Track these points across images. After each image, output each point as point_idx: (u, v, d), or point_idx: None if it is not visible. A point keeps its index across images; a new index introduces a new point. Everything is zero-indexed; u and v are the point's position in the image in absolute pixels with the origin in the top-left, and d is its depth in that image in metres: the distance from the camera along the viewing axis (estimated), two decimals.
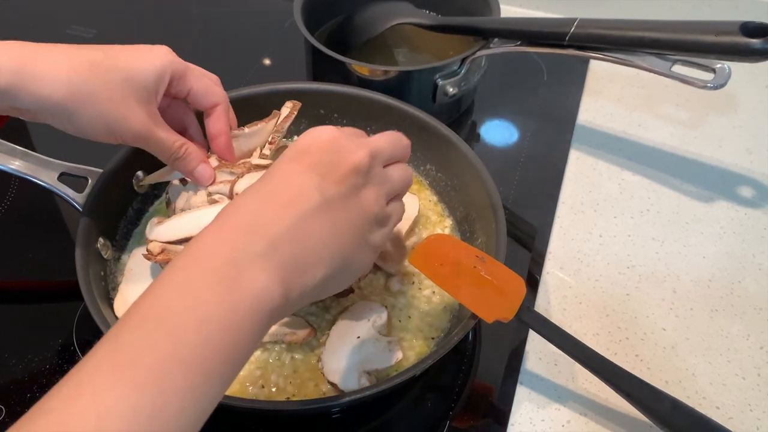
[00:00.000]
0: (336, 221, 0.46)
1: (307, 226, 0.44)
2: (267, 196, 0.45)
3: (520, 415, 0.64)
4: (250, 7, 1.13)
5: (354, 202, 0.47)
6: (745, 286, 0.74)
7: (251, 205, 0.44)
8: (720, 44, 0.68)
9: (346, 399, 0.55)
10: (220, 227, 0.43)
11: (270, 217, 0.43)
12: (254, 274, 0.40)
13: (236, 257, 0.40)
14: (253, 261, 0.41)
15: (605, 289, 0.74)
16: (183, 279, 0.40)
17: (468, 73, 0.85)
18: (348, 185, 0.47)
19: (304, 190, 0.45)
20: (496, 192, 0.67)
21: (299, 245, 0.43)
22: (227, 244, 0.41)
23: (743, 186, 0.85)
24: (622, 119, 0.93)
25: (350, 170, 0.47)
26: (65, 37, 1.05)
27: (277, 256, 0.42)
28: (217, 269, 0.40)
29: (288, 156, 0.48)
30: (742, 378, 0.67)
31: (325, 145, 0.48)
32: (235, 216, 0.43)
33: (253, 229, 0.42)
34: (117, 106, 0.56)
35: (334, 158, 0.47)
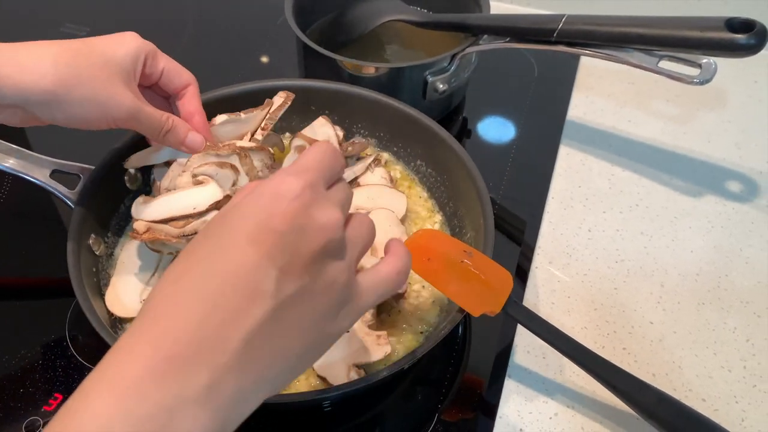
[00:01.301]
0: (290, 331, 0.37)
1: (256, 348, 0.36)
2: (213, 299, 0.35)
3: (508, 408, 0.64)
4: (242, 5, 1.14)
5: (316, 294, 0.38)
6: (732, 280, 0.75)
7: (192, 313, 0.35)
8: (706, 40, 0.68)
9: (335, 392, 0.56)
10: (150, 348, 0.34)
11: (214, 337, 0.35)
12: (187, 424, 0.33)
13: (165, 404, 0.33)
14: (187, 407, 0.33)
15: (594, 283, 0.74)
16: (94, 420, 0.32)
17: (458, 69, 0.85)
18: (311, 274, 0.38)
19: (259, 294, 0.36)
20: (485, 187, 0.68)
21: (244, 374, 0.36)
22: (156, 383, 0.33)
23: (731, 180, 0.85)
24: (612, 115, 0.94)
25: (316, 255, 0.38)
26: (59, 35, 1.06)
27: (217, 396, 0.34)
28: (141, 422, 0.32)
29: (244, 233, 0.37)
30: (728, 370, 0.67)
31: (292, 219, 0.37)
32: (171, 329, 0.35)
33: (191, 360, 0.34)
34: (105, 86, 0.57)
35: (299, 240, 0.37)
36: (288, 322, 0.37)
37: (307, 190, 0.39)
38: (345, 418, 0.64)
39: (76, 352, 0.67)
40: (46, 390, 0.65)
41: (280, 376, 0.38)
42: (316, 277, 0.38)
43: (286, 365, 0.38)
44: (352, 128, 0.81)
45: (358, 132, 0.81)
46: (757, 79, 0.99)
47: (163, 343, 0.34)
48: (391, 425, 0.65)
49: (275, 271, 0.36)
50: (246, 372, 0.35)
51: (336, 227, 0.39)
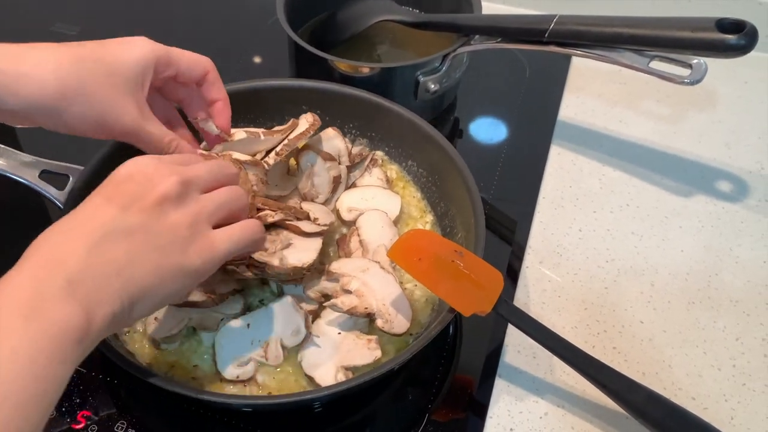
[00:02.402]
0: (131, 249, 0.46)
1: (100, 257, 0.44)
2: (67, 229, 0.46)
3: (499, 407, 0.64)
4: (233, 5, 1.13)
5: (158, 229, 0.48)
6: (721, 279, 0.75)
7: (52, 240, 0.45)
8: (696, 40, 0.68)
9: (325, 393, 0.56)
10: (23, 264, 0.43)
11: (67, 251, 0.44)
12: (56, 305, 0.41)
13: (40, 291, 0.41)
14: (54, 294, 0.41)
15: (584, 282, 0.75)
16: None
17: (449, 69, 0.85)
18: (151, 213, 0.47)
19: (99, 221, 0.46)
20: (476, 187, 0.68)
21: (97, 276, 0.44)
22: (30, 280, 0.42)
23: (722, 180, 0.86)
24: (603, 115, 0.94)
25: (156, 199, 0.48)
26: (49, 34, 1.05)
27: (76, 291, 0.42)
28: (23, 305, 0.40)
29: (97, 191, 0.49)
30: (717, 369, 0.68)
31: (134, 176, 0.48)
32: (38, 252, 0.44)
33: (53, 264, 0.43)
34: (106, 100, 0.56)
35: (139, 189, 0.48)
36: (127, 244, 0.46)
37: (151, 161, 0.50)
38: (335, 419, 0.64)
39: None
40: None
41: (134, 289, 0.46)
42: (157, 218, 0.48)
43: (139, 280, 0.46)
44: (344, 128, 0.81)
45: (349, 132, 0.81)
46: (747, 79, 0.99)
47: (30, 262, 0.43)
48: (382, 425, 0.65)
49: (115, 208, 0.46)
50: (96, 275, 0.44)
51: (171, 184, 0.49)
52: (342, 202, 0.74)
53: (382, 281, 0.65)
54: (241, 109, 0.80)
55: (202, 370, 0.63)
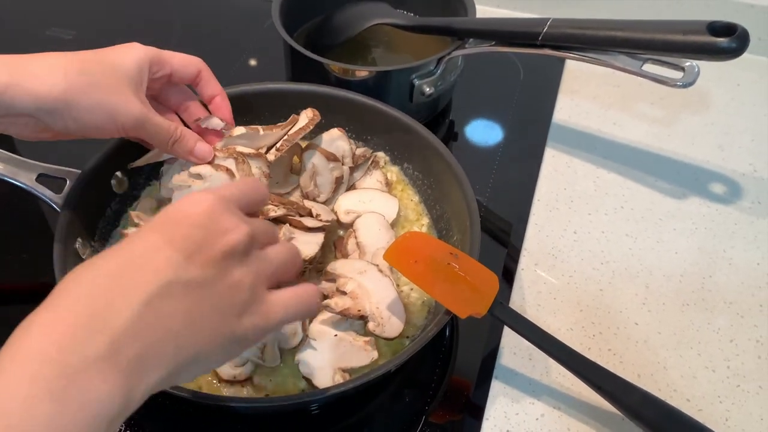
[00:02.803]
0: (192, 309, 0.40)
1: (155, 315, 0.38)
2: (116, 273, 0.39)
3: (495, 409, 0.65)
4: (229, 9, 1.14)
5: (221, 287, 0.42)
6: (715, 281, 0.75)
7: (95, 284, 0.38)
8: (688, 43, 0.69)
9: (322, 396, 0.56)
10: (55, 319, 0.36)
11: (116, 303, 0.37)
12: (93, 380, 0.35)
13: (70, 363, 0.35)
14: (92, 364, 0.35)
15: (579, 284, 0.75)
16: (10, 395, 0.34)
17: (444, 72, 0.86)
18: (215, 269, 0.41)
19: (159, 271, 0.39)
20: (471, 190, 0.69)
21: (145, 340, 0.37)
22: (59, 347, 0.35)
23: (715, 183, 0.86)
24: (597, 118, 0.95)
25: (223, 251, 0.42)
26: (45, 38, 1.06)
27: (119, 359, 0.36)
28: (46, 383, 0.34)
29: (155, 225, 0.42)
30: (712, 371, 0.68)
31: (199, 218, 0.42)
32: (74, 299, 0.37)
33: (94, 320, 0.36)
34: (114, 93, 0.58)
35: (206, 235, 0.42)
36: (189, 302, 0.40)
37: (217, 203, 0.43)
38: (332, 421, 0.65)
39: None
40: None
41: (182, 356, 0.39)
42: (221, 274, 0.42)
43: (188, 347, 0.40)
44: None
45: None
46: (739, 82, 1.00)
47: (61, 315, 0.37)
48: (379, 427, 0.66)
49: (180, 256, 0.40)
50: (145, 338, 0.37)
51: (240, 235, 0.43)
52: (340, 205, 0.74)
53: (378, 284, 0.65)
54: (238, 113, 0.80)
55: None
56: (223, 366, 0.61)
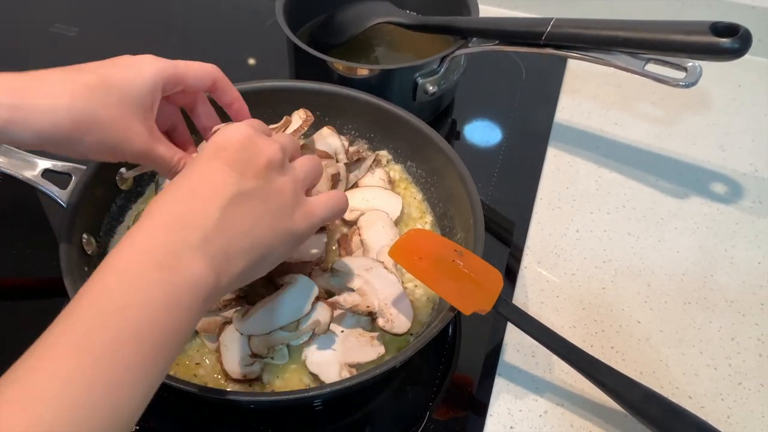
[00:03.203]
0: (255, 212, 0.50)
1: (231, 218, 0.48)
2: (192, 191, 0.49)
3: (499, 406, 0.65)
4: (232, 6, 1.14)
5: (271, 193, 0.51)
6: (716, 280, 0.76)
7: (180, 201, 0.48)
8: (690, 43, 0.69)
9: (325, 391, 0.56)
10: (155, 223, 0.46)
11: (198, 211, 0.47)
12: (191, 263, 0.44)
13: (175, 249, 0.44)
14: (189, 252, 0.45)
15: (582, 282, 0.75)
16: (128, 266, 0.43)
17: (447, 71, 0.86)
18: (264, 178, 0.51)
19: (224, 185, 0.49)
20: (475, 188, 0.69)
21: (226, 238, 0.47)
22: (165, 235, 0.45)
23: (716, 182, 0.87)
24: (598, 117, 0.95)
25: (265, 165, 0.51)
26: (48, 35, 1.06)
27: (209, 248, 0.46)
28: (159, 258, 0.43)
29: (207, 154, 0.51)
30: (713, 368, 0.68)
31: (241, 142, 0.51)
32: (167, 209, 0.47)
33: (187, 221, 0.46)
34: (119, 128, 0.56)
35: (249, 155, 0.51)
36: (252, 207, 0.50)
37: (251, 129, 0.53)
38: (336, 417, 0.65)
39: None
40: None
41: (256, 250, 0.49)
42: (267, 183, 0.51)
43: (258, 241, 0.50)
44: (343, 129, 0.82)
45: (348, 133, 0.82)
46: (740, 82, 1.00)
47: (162, 217, 0.47)
48: (382, 424, 0.66)
49: (235, 173, 0.50)
50: (227, 235, 0.47)
51: (275, 151, 0.52)
52: None
53: (385, 281, 0.65)
54: None
55: (204, 368, 0.63)
56: (232, 364, 0.61)
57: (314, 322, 0.62)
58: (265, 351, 0.61)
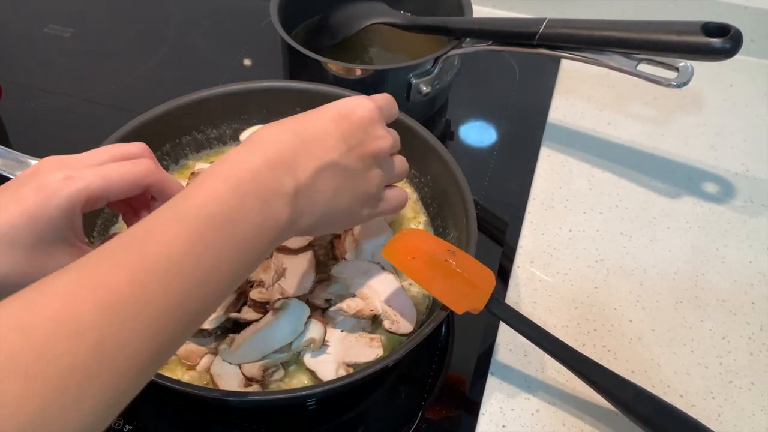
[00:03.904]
0: (343, 187, 0.53)
1: (322, 181, 0.51)
2: (304, 140, 0.51)
3: (491, 404, 0.65)
4: (226, 7, 1.14)
5: (362, 178, 0.55)
6: (708, 279, 0.76)
7: (288, 142, 0.50)
8: (682, 43, 0.70)
9: (317, 390, 0.56)
10: (265, 153, 0.49)
11: (300, 161, 0.50)
12: (280, 206, 0.48)
13: (272, 187, 0.47)
14: (281, 196, 0.48)
15: (574, 282, 0.76)
16: (238, 184, 0.46)
17: (441, 72, 0.86)
18: (365, 163, 0.54)
19: (331, 150, 0.52)
20: (468, 188, 0.69)
21: (312, 195, 0.51)
22: (267, 173, 0.47)
23: (708, 182, 0.87)
24: (592, 117, 0.95)
25: (372, 152, 0.55)
26: (43, 36, 1.06)
27: (295, 200, 0.49)
28: (261, 191, 0.46)
29: (330, 114, 0.54)
30: (704, 367, 0.69)
31: (363, 120, 0.54)
32: (275, 147, 0.49)
33: (286, 167, 0.49)
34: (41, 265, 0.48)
35: (364, 137, 0.54)
36: (343, 180, 0.53)
37: (376, 111, 0.56)
38: (330, 416, 0.65)
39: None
40: None
41: (323, 218, 0.53)
42: (365, 168, 0.55)
43: (329, 212, 0.53)
44: None
45: None
46: (732, 82, 1.01)
47: (271, 152, 0.49)
48: (375, 423, 0.66)
49: (345, 146, 0.53)
50: (312, 194, 0.51)
51: (387, 144, 0.56)
52: None
53: (384, 282, 0.66)
54: (236, 111, 0.81)
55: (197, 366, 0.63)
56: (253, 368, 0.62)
57: (309, 340, 0.62)
58: (260, 374, 0.61)
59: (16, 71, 1.00)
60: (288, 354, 0.62)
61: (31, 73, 1.00)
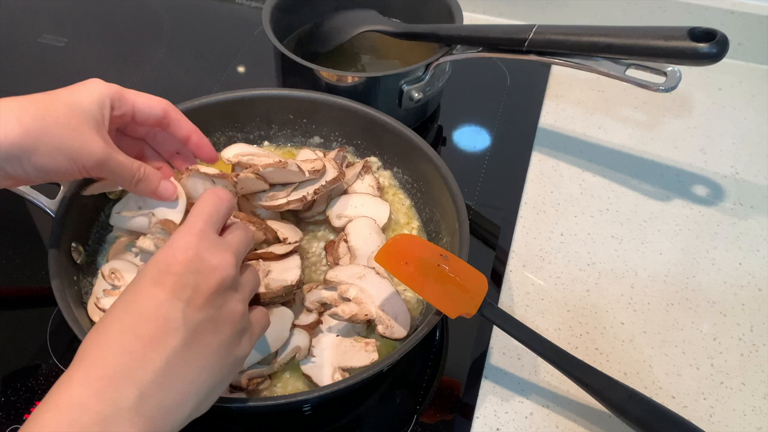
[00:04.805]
0: (203, 355, 0.45)
1: (175, 367, 0.44)
2: (132, 330, 0.44)
3: (485, 408, 0.66)
4: (220, 15, 1.15)
5: (220, 322, 0.47)
6: (698, 281, 0.77)
7: (117, 344, 0.43)
8: (669, 48, 0.71)
9: (312, 395, 0.57)
10: (87, 374, 0.42)
11: (137, 361, 0.43)
12: (124, 430, 0.40)
13: (104, 413, 0.40)
14: (121, 415, 0.41)
15: (566, 285, 0.76)
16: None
17: (432, 78, 0.87)
18: (214, 306, 0.46)
19: (170, 324, 0.44)
20: (460, 193, 0.70)
21: (168, 390, 0.43)
22: (95, 397, 0.41)
23: (697, 185, 0.88)
24: (582, 122, 0.96)
25: (215, 290, 0.46)
26: (36, 46, 1.06)
27: (145, 407, 0.42)
28: (84, 425, 0.40)
29: (149, 278, 0.46)
30: (696, 368, 0.70)
31: (187, 264, 0.46)
32: (101, 359, 0.43)
33: (120, 379, 0.42)
34: (73, 134, 0.55)
35: (197, 279, 0.46)
36: (201, 347, 0.45)
37: (200, 241, 0.47)
38: (325, 422, 0.66)
39: (58, 361, 0.68)
40: (28, 399, 0.65)
41: (201, 393, 0.46)
42: (219, 308, 0.47)
43: (205, 384, 0.46)
44: (330, 137, 0.83)
45: (335, 140, 0.83)
46: (720, 86, 1.02)
47: (95, 369, 0.42)
48: (371, 428, 0.67)
49: (181, 304, 0.45)
50: (169, 388, 0.43)
51: (227, 266, 0.48)
52: (332, 209, 0.75)
53: (378, 287, 0.66)
54: (229, 118, 0.81)
55: None
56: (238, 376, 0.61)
57: (294, 349, 0.62)
58: (245, 383, 0.61)
59: (10, 81, 1.00)
60: (274, 366, 0.62)
61: (25, 82, 1.01)
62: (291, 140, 0.84)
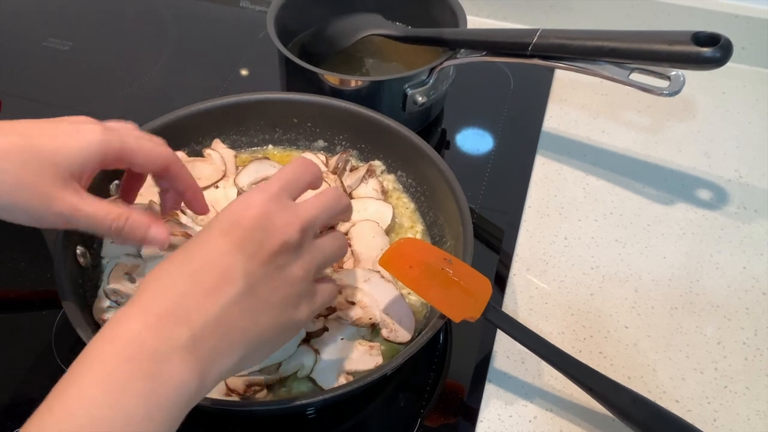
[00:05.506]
0: (258, 308, 0.46)
1: (229, 316, 0.44)
2: (192, 276, 0.45)
3: (489, 412, 0.66)
4: (224, 19, 1.15)
5: (279, 282, 0.48)
6: (702, 285, 0.77)
7: (176, 287, 0.44)
8: (673, 53, 0.71)
9: (315, 399, 0.57)
10: (144, 311, 0.43)
11: (194, 304, 0.44)
12: (175, 367, 0.41)
13: (159, 349, 0.41)
14: (175, 353, 0.42)
15: (570, 289, 0.76)
16: (107, 371, 0.40)
17: (436, 82, 0.87)
18: (275, 265, 0.47)
19: (230, 274, 0.45)
20: (463, 196, 0.70)
21: (220, 336, 0.44)
22: (151, 333, 0.42)
23: (701, 189, 0.88)
24: (586, 126, 0.96)
25: (278, 250, 0.47)
26: (42, 49, 1.06)
27: (197, 349, 0.43)
28: (141, 362, 0.40)
29: (218, 229, 0.47)
30: (700, 372, 0.69)
31: (255, 221, 0.47)
32: (160, 298, 0.44)
33: (176, 318, 0.43)
34: (33, 194, 0.52)
35: (263, 236, 0.47)
36: (257, 300, 0.46)
37: (270, 201, 0.48)
38: (329, 425, 0.66)
39: (63, 363, 0.68)
40: (32, 401, 0.65)
41: (252, 346, 0.46)
42: (279, 268, 0.48)
43: (257, 337, 0.47)
44: (334, 140, 0.83)
45: (339, 144, 0.83)
46: (724, 90, 1.02)
47: (154, 307, 0.43)
48: (375, 431, 0.67)
49: (244, 257, 0.46)
50: (222, 335, 0.44)
51: (292, 231, 0.48)
52: None
53: (383, 291, 0.66)
54: (233, 123, 0.82)
55: None
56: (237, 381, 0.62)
57: (297, 365, 0.62)
58: (242, 389, 0.60)
59: (15, 84, 1.00)
60: (274, 375, 0.62)
61: (30, 86, 1.01)
62: (295, 144, 0.84)
